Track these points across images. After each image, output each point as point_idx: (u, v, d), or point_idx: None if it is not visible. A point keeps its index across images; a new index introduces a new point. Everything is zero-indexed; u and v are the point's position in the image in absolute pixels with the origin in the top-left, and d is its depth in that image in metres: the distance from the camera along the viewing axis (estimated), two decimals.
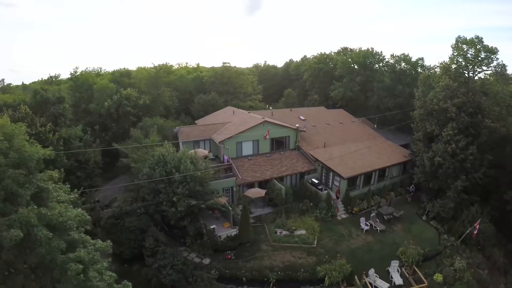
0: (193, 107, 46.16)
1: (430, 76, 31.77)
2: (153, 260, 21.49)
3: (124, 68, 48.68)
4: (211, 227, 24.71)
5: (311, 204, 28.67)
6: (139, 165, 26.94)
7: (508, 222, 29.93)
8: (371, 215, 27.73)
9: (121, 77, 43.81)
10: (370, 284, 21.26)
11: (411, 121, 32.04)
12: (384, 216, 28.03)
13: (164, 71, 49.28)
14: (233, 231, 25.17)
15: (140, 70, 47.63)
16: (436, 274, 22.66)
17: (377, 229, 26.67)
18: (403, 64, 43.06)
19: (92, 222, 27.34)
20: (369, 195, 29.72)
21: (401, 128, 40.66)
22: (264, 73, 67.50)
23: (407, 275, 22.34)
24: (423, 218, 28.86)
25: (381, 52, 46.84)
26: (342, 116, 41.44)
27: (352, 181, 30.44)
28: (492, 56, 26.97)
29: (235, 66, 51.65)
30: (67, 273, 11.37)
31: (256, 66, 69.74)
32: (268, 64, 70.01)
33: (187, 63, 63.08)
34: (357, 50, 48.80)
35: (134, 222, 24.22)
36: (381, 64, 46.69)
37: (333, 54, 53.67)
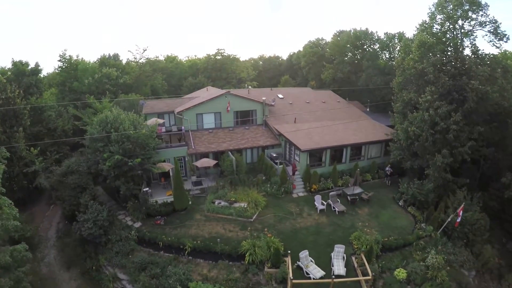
0: (182, 90, 44.73)
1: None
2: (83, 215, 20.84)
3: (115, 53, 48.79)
4: (145, 189, 22.39)
5: (264, 178, 24.94)
6: (87, 127, 25.76)
7: (510, 216, 23.51)
8: (331, 193, 23.19)
9: (108, 59, 43.85)
10: (301, 268, 16.91)
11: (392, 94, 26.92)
12: (348, 197, 23.31)
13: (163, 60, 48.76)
14: (171, 198, 22.56)
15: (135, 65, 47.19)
16: (398, 269, 17.50)
17: (335, 210, 22.12)
18: (396, 41, 37.56)
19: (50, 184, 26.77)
20: (335, 173, 25.09)
21: None
22: (267, 63, 64.78)
23: (355, 265, 17.51)
24: (400, 204, 23.60)
25: (376, 32, 41.74)
26: (327, 96, 36.83)
27: (318, 157, 26.13)
28: (480, 11, 21.24)
29: (224, 54, 49.31)
30: None
31: (261, 57, 67.26)
32: (275, 55, 67.24)
33: (195, 56, 62.41)
34: (351, 32, 43.88)
35: (75, 179, 23.52)
36: (376, 46, 41.35)
37: (331, 39, 49.25)
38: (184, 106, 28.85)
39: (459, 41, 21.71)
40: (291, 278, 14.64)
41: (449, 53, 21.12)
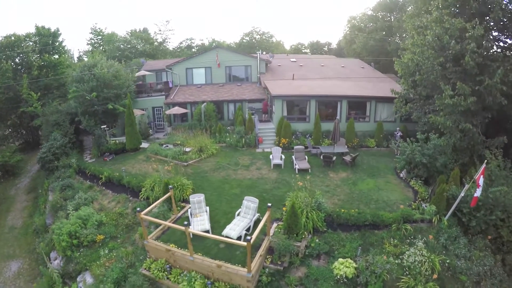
0: None
1: None
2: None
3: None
4: (102, 126, 21.26)
5: (228, 128, 20.95)
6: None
7: None
8: (296, 147, 17.52)
9: (137, 32, 46.33)
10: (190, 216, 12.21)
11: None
12: (322, 156, 17.23)
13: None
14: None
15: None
16: (342, 260, 10.28)
17: (296, 168, 16.49)
18: None
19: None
20: (318, 129, 19.05)
21: None
22: (315, 47, 58.60)
23: (270, 233, 11.04)
24: (401, 176, 16.14)
25: None
26: (350, 63, 29.86)
27: (301, 111, 20.64)
28: None
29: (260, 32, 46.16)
30: None
31: (311, 43, 61.45)
32: (327, 42, 60.58)
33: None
34: None
35: (55, 117, 24.50)
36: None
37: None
38: (174, 60, 27.16)
39: None
40: (138, 210, 10.46)
41: None
